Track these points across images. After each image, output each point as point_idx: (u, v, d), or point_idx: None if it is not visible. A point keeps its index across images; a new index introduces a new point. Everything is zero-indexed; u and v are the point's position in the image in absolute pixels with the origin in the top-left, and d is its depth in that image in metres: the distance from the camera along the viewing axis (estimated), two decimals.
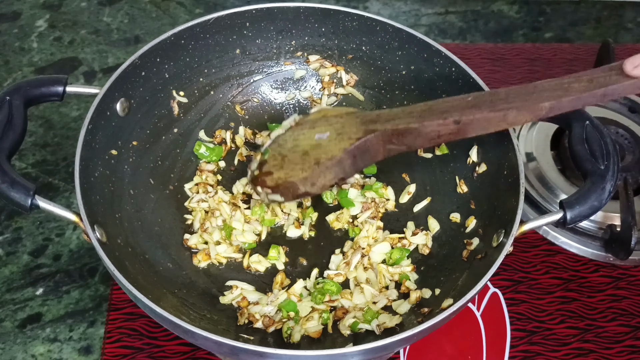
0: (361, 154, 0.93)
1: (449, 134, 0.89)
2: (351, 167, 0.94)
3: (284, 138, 0.99)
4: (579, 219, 0.88)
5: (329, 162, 0.93)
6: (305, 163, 0.94)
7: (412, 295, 0.97)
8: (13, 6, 1.49)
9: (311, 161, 0.94)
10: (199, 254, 1.01)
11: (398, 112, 0.93)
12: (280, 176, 0.96)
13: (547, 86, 0.87)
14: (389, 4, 1.55)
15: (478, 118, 0.87)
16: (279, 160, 0.97)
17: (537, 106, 0.85)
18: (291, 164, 0.95)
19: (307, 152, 0.95)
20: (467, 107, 0.88)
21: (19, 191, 0.84)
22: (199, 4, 1.53)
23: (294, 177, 0.95)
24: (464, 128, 0.88)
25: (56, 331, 1.05)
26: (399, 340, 0.80)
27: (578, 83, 0.85)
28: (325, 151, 0.93)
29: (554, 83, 0.87)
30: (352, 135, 0.93)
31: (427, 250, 1.03)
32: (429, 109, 0.91)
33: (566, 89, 0.85)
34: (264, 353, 0.78)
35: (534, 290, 1.11)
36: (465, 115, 0.88)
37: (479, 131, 0.89)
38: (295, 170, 0.95)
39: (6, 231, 1.14)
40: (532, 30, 1.53)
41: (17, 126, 0.90)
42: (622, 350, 1.05)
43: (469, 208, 1.02)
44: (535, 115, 0.86)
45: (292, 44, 1.13)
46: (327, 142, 0.94)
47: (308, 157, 0.94)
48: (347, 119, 0.96)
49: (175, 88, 1.08)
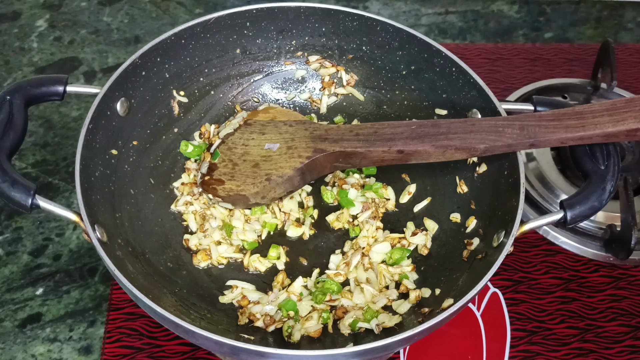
0: (309, 170, 1.00)
1: (392, 159, 0.96)
2: (300, 182, 1.01)
3: (233, 140, 1.05)
4: (579, 219, 0.88)
5: (279, 178, 0.99)
6: (256, 177, 1.01)
7: (411, 294, 0.97)
8: (13, 6, 1.49)
9: (262, 175, 1.00)
10: (199, 254, 1.01)
11: (345, 132, 0.99)
12: (232, 187, 1.02)
13: (484, 126, 0.93)
14: (389, 4, 1.55)
15: (420, 150, 0.94)
16: (230, 167, 1.03)
17: (473, 147, 0.92)
18: (242, 176, 1.01)
19: (257, 163, 1.01)
20: (411, 138, 0.95)
21: (19, 191, 0.84)
22: (199, 3, 1.53)
23: (245, 190, 1.01)
24: (406, 157, 0.96)
25: (56, 331, 1.05)
26: (399, 340, 0.79)
27: (511, 129, 0.92)
28: (276, 167, 1.00)
29: (491, 124, 0.93)
30: (301, 153, 0.99)
31: (426, 251, 1.03)
32: (375, 133, 0.97)
33: (500, 134, 0.92)
34: (265, 353, 0.78)
35: (534, 290, 1.11)
36: (408, 146, 0.95)
37: (419, 160, 0.96)
38: (246, 183, 1.01)
39: (6, 231, 1.14)
40: (532, 30, 1.53)
41: (18, 126, 0.90)
42: (622, 350, 1.05)
43: (469, 208, 1.02)
44: (470, 154, 0.94)
45: (292, 44, 1.13)
46: (278, 156, 1.01)
47: (259, 170, 1.01)
48: (296, 130, 1.03)
49: (175, 88, 1.08)
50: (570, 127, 0.89)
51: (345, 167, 1.03)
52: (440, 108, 1.08)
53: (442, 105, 1.07)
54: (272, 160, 1.01)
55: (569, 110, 0.91)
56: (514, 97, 1.32)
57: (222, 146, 1.05)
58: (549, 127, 0.89)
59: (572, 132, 0.89)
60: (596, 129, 0.88)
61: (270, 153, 1.01)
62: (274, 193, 1.01)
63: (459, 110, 1.05)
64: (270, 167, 1.00)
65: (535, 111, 0.98)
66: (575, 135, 0.89)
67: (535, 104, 0.98)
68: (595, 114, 0.88)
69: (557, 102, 0.98)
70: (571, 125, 0.89)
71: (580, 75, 1.39)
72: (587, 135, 0.88)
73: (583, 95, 1.34)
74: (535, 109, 0.98)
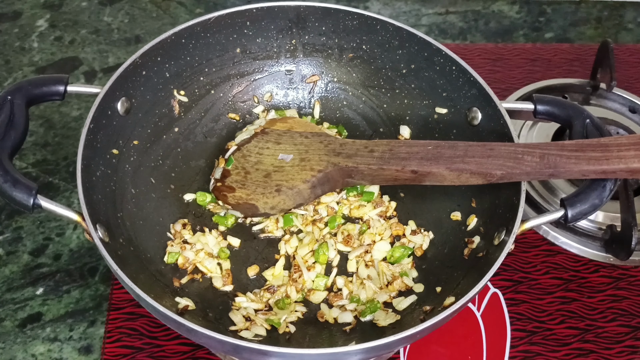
0: (321, 184, 0.99)
1: (405, 179, 0.95)
2: (310, 195, 1.01)
3: (248, 148, 1.05)
4: (580, 217, 0.88)
5: (289, 190, 0.99)
6: (267, 187, 1.00)
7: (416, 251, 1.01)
8: (13, 6, 1.49)
9: (272, 185, 1.00)
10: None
11: (360, 148, 0.98)
12: (242, 196, 1.01)
13: (503, 152, 0.90)
14: (390, 4, 1.55)
15: (434, 172, 0.92)
16: (242, 175, 1.03)
17: (490, 173, 0.90)
18: (253, 185, 1.01)
19: (269, 173, 1.01)
20: (426, 159, 0.93)
21: (21, 191, 0.84)
22: (199, 3, 1.53)
23: (254, 200, 1.01)
24: (420, 178, 0.94)
25: (56, 331, 1.05)
26: (400, 338, 0.79)
27: (531, 157, 0.89)
28: (287, 178, 0.99)
29: (510, 150, 0.91)
30: (314, 166, 0.99)
31: (420, 252, 1.03)
32: (389, 151, 0.96)
33: (519, 161, 0.89)
34: (266, 351, 0.78)
35: (534, 290, 1.11)
36: (423, 167, 0.93)
37: (434, 182, 0.94)
38: (256, 192, 1.01)
39: (6, 230, 1.14)
40: (532, 30, 1.53)
41: (19, 126, 0.90)
42: (622, 350, 1.05)
43: (470, 206, 1.02)
44: (486, 180, 0.91)
45: (292, 43, 1.14)
46: (290, 167, 1.00)
47: (270, 180, 1.00)
48: (311, 142, 1.02)
49: (176, 87, 1.08)
50: (593, 160, 0.86)
51: (356, 184, 1.02)
52: (441, 107, 1.08)
53: (442, 104, 1.08)
54: (285, 171, 1.00)
55: (594, 142, 0.88)
56: (514, 97, 1.32)
57: (237, 153, 1.05)
58: (571, 158, 0.87)
59: (594, 164, 0.86)
60: (620, 163, 0.85)
61: (283, 164, 1.01)
62: (284, 204, 1.01)
63: (459, 109, 1.05)
64: (281, 177, 1.00)
65: (535, 110, 0.98)
66: (597, 169, 0.86)
67: (535, 102, 0.98)
68: (621, 148, 0.86)
69: (557, 101, 0.98)
70: (594, 158, 0.86)
71: (580, 76, 1.39)
72: (610, 170, 0.86)
73: (582, 95, 1.34)
74: (535, 108, 0.98)
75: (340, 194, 1.07)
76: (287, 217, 1.04)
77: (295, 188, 0.99)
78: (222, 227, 1.04)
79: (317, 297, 0.98)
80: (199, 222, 1.05)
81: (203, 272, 0.99)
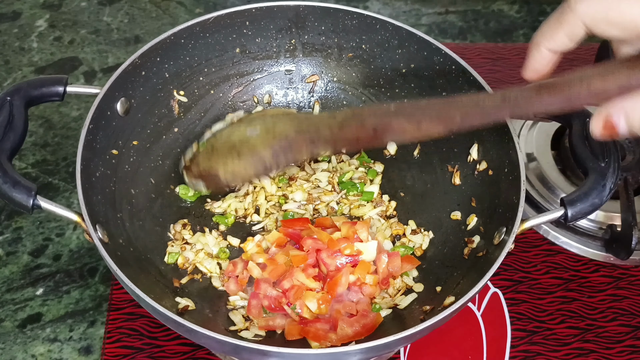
0: (284, 151, 0.97)
1: (367, 140, 0.93)
2: (272, 162, 0.98)
3: (221, 132, 1.03)
4: (580, 216, 0.88)
5: (250, 157, 0.97)
6: (228, 156, 0.99)
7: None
8: (13, 6, 1.49)
9: (234, 154, 0.98)
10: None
11: (324, 116, 1.01)
12: (205, 167, 1.00)
13: (464, 99, 0.88)
14: (389, 4, 1.55)
15: (394, 126, 0.90)
16: (209, 151, 1.01)
17: (449, 117, 0.86)
18: (217, 157, 1.00)
19: (234, 145, 0.99)
20: (387, 115, 0.91)
21: (20, 192, 0.84)
22: (198, 3, 1.53)
23: (215, 169, 0.99)
24: (381, 135, 0.91)
25: (56, 331, 1.05)
26: (400, 338, 0.79)
27: (492, 99, 0.86)
28: (250, 146, 0.98)
29: (471, 97, 0.88)
30: (277, 134, 0.97)
31: (420, 252, 1.03)
32: (352, 114, 0.96)
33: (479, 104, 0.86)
34: (266, 351, 0.78)
35: (535, 290, 1.11)
36: (382, 121, 0.91)
37: (396, 139, 0.95)
38: (218, 163, 0.99)
39: (6, 231, 1.14)
40: (532, 30, 1.53)
41: (18, 127, 0.90)
42: (623, 350, 1.05)
43: (470, 206, 1.02)
44: (446, 126, 0.87)
45: (291, 43, 1.13)
46: (255, 138, 0.99)
47: (234, 150, 0.99)
48: (280, 119, 1.01)
49: (175, 87, 1.08)
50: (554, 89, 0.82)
51: (321, 153, 1.02)
52: None
53: None
54: (249, 142, 0.99)
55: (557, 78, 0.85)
56: None
57: (211, 138, 1.04)
58: (532, 91, 0.83)
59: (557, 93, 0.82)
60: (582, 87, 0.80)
61: (249, 137, 1.00)
62: (245, 171, 0.98)
63: None
64: (244, 147, 0.99)
65: None
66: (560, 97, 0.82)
67: None
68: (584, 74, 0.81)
69: None
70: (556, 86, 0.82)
71: None
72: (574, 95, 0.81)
73: None
74: None
75: (340, 194, 1.08)
76: (286, 215, 1.04)
77: (257, 154, 0.97)
78: (223, 227, 1.05)
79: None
80: (199, 222, 1.05)
81: (203, 272, 1.00)
